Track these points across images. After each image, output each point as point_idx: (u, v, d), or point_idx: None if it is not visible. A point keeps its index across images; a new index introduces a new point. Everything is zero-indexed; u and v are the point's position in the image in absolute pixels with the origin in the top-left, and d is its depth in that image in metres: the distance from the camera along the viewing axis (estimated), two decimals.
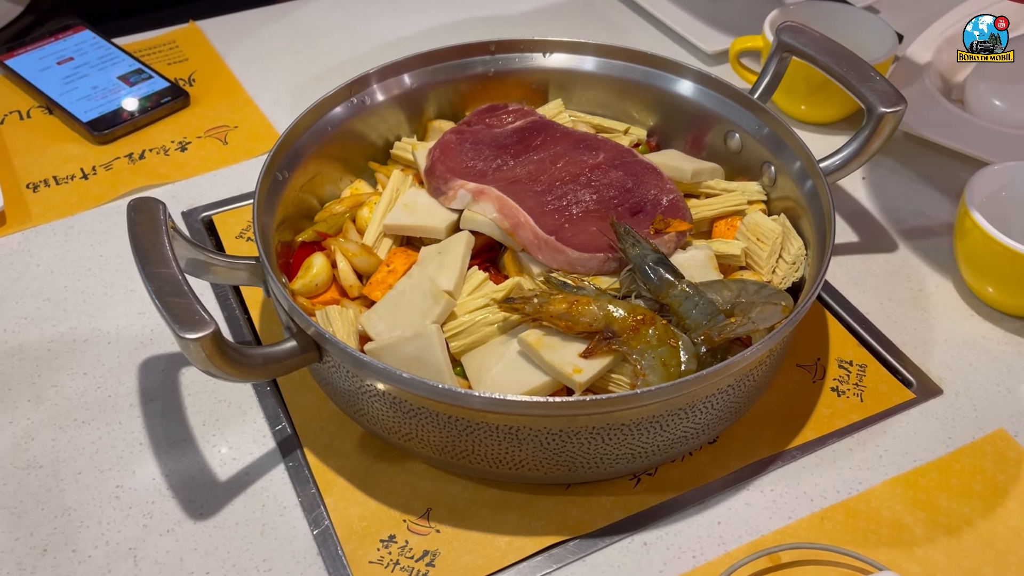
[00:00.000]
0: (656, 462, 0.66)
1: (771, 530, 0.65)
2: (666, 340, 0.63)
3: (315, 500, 0.66)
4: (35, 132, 0.98)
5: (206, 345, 0.55)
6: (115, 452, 0.68)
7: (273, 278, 0.64)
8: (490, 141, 0.80)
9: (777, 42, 0.82)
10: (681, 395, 0.60)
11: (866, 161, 0.78)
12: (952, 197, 0.92)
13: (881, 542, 0.64)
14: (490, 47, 0.86)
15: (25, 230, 0.87)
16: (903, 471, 0.68)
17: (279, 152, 0.74)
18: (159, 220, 0.62)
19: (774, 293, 0.68)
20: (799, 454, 0.69)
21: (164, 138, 0.98)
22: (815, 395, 0.73)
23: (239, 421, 0.71)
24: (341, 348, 0.60)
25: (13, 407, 0.71)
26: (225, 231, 0.87)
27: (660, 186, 0.76)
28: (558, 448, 0.61)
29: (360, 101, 0.82)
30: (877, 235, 0.88)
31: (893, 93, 0.75)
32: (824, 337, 0.78)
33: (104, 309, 0.79)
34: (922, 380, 0.75)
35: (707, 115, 0.83)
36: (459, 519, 0.65)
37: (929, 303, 0.81)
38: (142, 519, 0.64)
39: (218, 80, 1.07)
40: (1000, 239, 0.74)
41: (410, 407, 0.61)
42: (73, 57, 1.06)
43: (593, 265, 0.70)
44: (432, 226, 0.74)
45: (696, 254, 0.72)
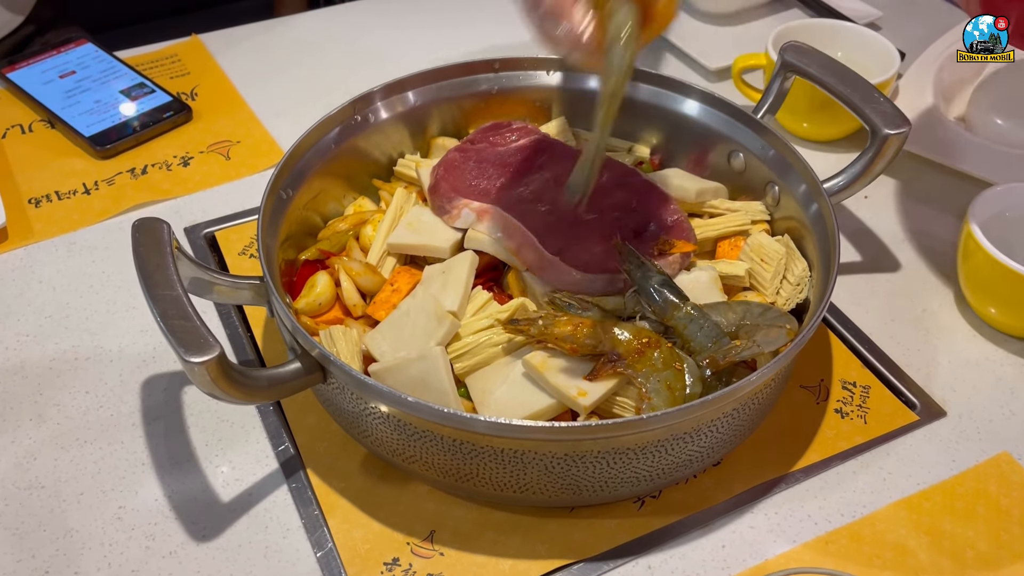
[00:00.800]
0: (660, 485, 0.66)
1: (775, 554, 0.64)
2: (671, 363, 0.63)
3: (318, 522, 0.65)
4: (37, 146, 0.98)
5: (211, 369, 0.55)
6: (117, 472, 0.68)
7: (277, 298, 0.64)
8: (494, 159, 0.80)
9: (781, 62, 0.82)
10: (687, 419, 0.60)
11: (870, 182, 0.78)
12: (954, 217, 0.92)
13: (886, 566, 0.64)
14: (494, 65, 0.86)
15: (27, 246, 0.86)
16: (907, 494, 0.68)
17: (283, 170, 0.74)
18: (163, 241, 0.61)
19: (779, 316, 0.68)
20: (803, 476, 0.69)
21: (166, 153, 0.97)
22: (819, 417, 0.73)
23: (242, 441, 0.70)
24: (346, 370, 0.60)
25: (15, 426, 0.71)
26: (228, 248, 0.87)
27: (664, 207, 0.76)
28: (563, 472, 0.61)
29: (364, 118, 0.82)
30: (880, 255, 0.88)
31: (897, 115, 0.75)
32: (827, 358, 0.78)
33: (106, 327, 0.79)
34: (926, 402, 0.75)
35: (711, 134, 0.83)
36: (463, 542, 0.64)
37: (932, 324, 0.81)
38: (144, 541, 0.64)
39: (221, 94, 1.06)
40: (1004, 261, 0.74)
41: (414, 430, 0.61)
42: (75, 71, 1.06)
43: (597, 286, 0.70)
44: (436, 245, 0.74)
45: (700, 275, 0.72)
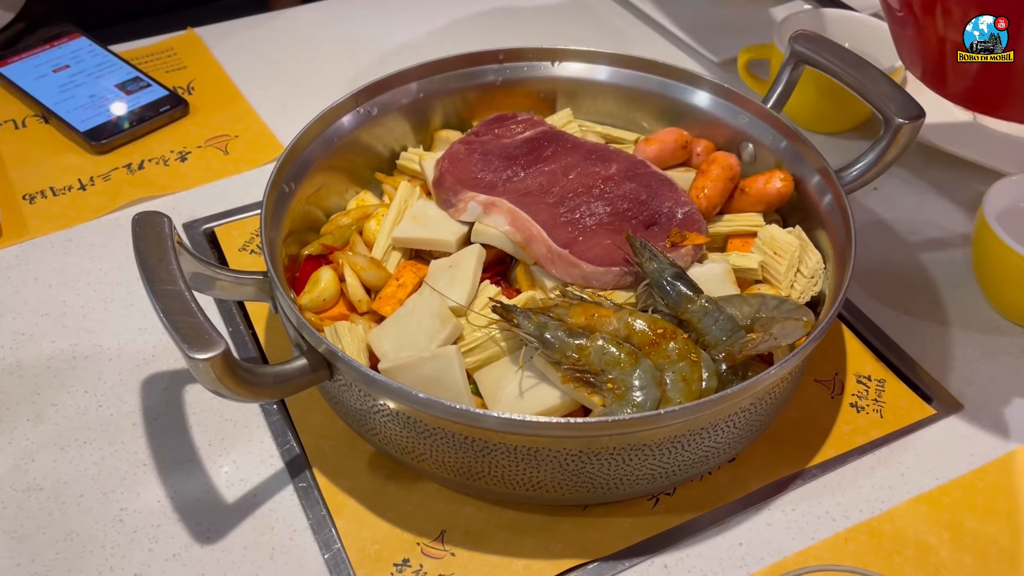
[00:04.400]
0: (675, 482, 0.65)
1: (794, 551, 0.63)
2: (687, 354, 0.62)
3: (325, 522, 0.64)
4: (31, 142, 0.96)
5: (216, 365, 0.53)
6: (118, 473, 0.66)
7: (282, 293, 0.62)
8: (499, 152, 0.79)
9: (790, 51, 0.81)
10: (704, 415, 0.58)
11: (882, 172, 0.77)
12: (966, 207, 0.91)
13: (907, 563, 0.62)
14: (498, 56, 0.85)
15: (22, 243, 0.84)
16: (926, 489, 0.67)
17: (286, 163, 0.72)
18: (165, 235, 0.60)
19: (795, 308, 0.66)
20: (820, 472, 0.68)
21: (163, 148, 0.96)
22: (834, 411, 0.72)
23: (246, 441, 0.69)
24: (354, 367, 0.58)
25: (12, 427, 0.69)
26: (228, 243, 0.85)
27: (675, 198, 0.74)
28: (577, 469, 0.59)
29: (366, 111, 0.80)
30: (892, 246, 0.87)
31: (911, 104, 0.74)
32: (841, 351, 0.76)
33: (105, 325, 0.77)
34: (942, 395, 0.74)
35: (720, 125, 0.81)
36: (475, 542, 0.63)
37: (946, 316, 0.80)
38: (147, 543, 0.62)
39: (218, 88, 1.05)
40: (1020, 251, 0.72)
41: (424, 427, 0.60)
42: (69, 65, 1.04)
43: (608, 279, 0.69)
44: (443, 239, 0.73)
45: (714, 268, 0.71)
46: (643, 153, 0.79)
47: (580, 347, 0.61)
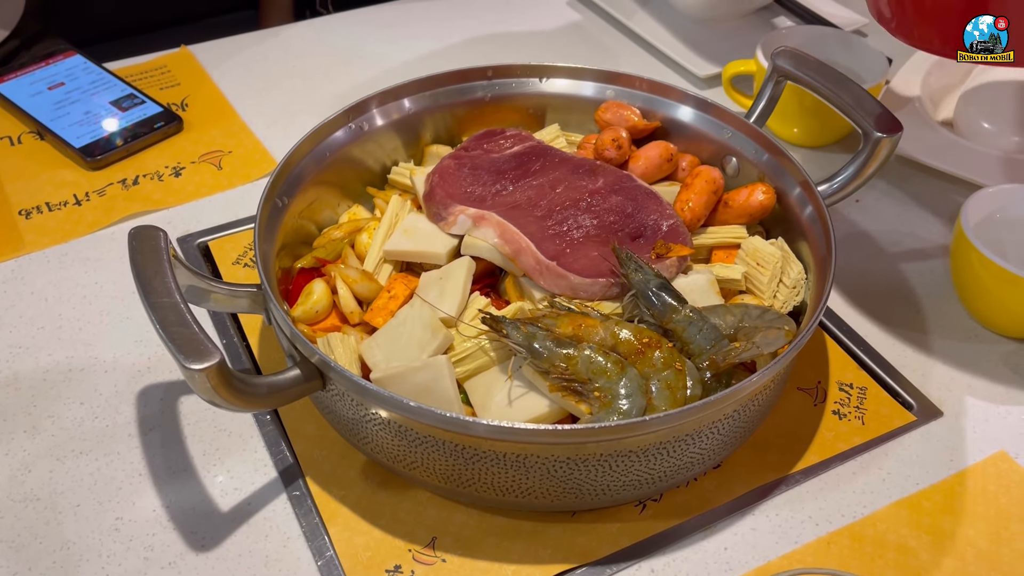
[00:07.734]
0: (662, 488, 0.66)
1: (778, 555, 0.64)
2: (672, 363, 0.63)
3: (318, 530, 0.65)
4: (27, 158, 0.97)
5: (212, 375, 0.54)
6: (114, 483, 0.67)
7: (275, 306, 0.64)
8: (489, 166, 0.80)
9: (772, 67, 0.83)
10: (688, 421, 0.60)
11: (862, 185, 0.78)
12: (945, 218, 0.93)
13: (888, 566, 0.64)
14: (487, 72, 0.86)
15: (18, 257, 0.86)
16: (907, 494, 0.68)
17: (279, 178, 0.74)
18: (160, 248, 0.61)
19: (777, 318, 0.68)
20: (803, 478, 0.69)
21: (158, 163, 0.97)
22: (817, 418, 0.73)
23: (240, 450, 0.70)
24: (347, 376, 0.59)
25: (9, 438, 0.70)
26: (221, 257, 0.86)
27: (660, 211, 0.76)
28: (565, 475, 0.61)
29: (358, 126, 0.82)
30: (873, 257, 0.89)
31: (890, 118, 0.76)
32: (824, 360, 0.78)
33: (100, 337, 0.78)
34: (922, 402, 0.75)
35: (704, 140, 0.83)
36: (465, 548, 0.64)
37: (926, 325, 0.82)
38: (143, 552, 0.63)
39: (211, 105, 1.06)
40: (996, 262, 0.74)
41: (415, 435, 0.61)
42: (64, 82, 1.05)
43: (595, 290, 0.70)
44: (433, 252, 0.74)
45: (698, 279, 0.72)
46: (629, 168, 0.81)
47: (568, 356, 0.63)
